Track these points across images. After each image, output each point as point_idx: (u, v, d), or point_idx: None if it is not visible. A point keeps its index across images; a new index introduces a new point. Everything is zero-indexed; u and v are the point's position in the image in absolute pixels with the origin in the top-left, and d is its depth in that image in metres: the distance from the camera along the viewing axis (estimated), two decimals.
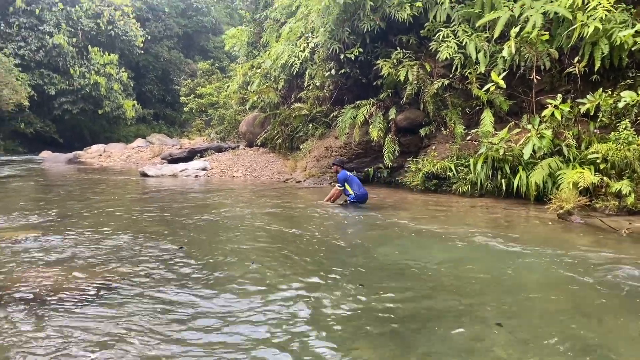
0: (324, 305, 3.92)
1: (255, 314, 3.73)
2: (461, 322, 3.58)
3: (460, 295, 4.16)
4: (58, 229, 6.97)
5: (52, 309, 3.85)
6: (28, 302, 3.99)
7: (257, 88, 17.98)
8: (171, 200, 10.49)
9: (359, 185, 9.47)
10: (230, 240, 6.34)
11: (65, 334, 3.38)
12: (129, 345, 3.22)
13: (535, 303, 4.05)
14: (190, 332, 3.42)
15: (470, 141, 11.07)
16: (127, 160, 23.43)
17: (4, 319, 3.66)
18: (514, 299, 4.12)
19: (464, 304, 3.97)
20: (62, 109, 38.57)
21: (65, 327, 3.50)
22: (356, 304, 3.94)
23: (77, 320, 3.63)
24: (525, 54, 10.12)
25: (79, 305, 3.94)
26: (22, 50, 34.66)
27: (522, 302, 4.05)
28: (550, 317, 3.69)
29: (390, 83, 12.50)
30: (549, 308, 3.90)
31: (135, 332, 3.41)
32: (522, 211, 8.69)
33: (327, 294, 4.15)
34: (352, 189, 9.37)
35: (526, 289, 4.42)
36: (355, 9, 12.39)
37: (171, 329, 3.46)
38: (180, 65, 52.01)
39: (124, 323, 3.57)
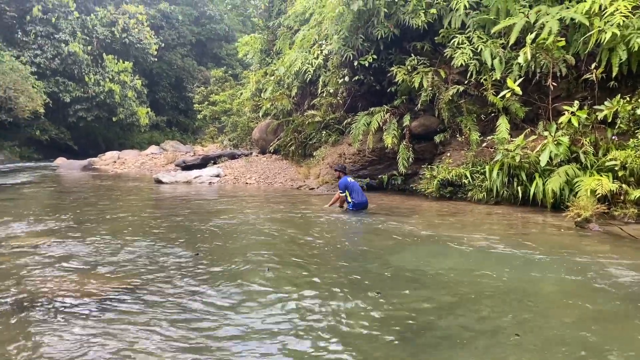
0: (340, 314, 3.89)
1: (271, 323, 3.71)
2: (479, 332, 3.53)
3: (477, 304, 4.11)
4: (75, 235, 7.02)
5: (70, 314, 3.87)
6: (47, 307, 4.01)
7: (271, 95, 18.03)
8: (186, 206, 10.52)
9: (358, 193, 9.56)
10: (245, 247, 6.33)
11: (83, 340, 3.38)
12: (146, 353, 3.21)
13: (553, 312, 3.99)
14: (206, 341, 3.41)
15: (485, 148, 10.99)
16: (141, 166, 23.58)
17: (22, 323, 3.67)
18: (531, 308, 4.05)
19: (481, 313, 3.92)
20: (76, 116, 38.95)
21: (83, 332, 3.51)
22: (372, 312, 3.90)
23: (96, 326, 3.63)
24: (541, 61, 10.04)
25: (96, 310, 3.94)
26: (38, 58, 35.10)
27: (540, 311, 3.99)
28: (569, 327, 3.63)
29: (405, 90, 12.47)
30: (568, 318, 3.84)
31: (151, 340, 3.40)
32: (539, 219, 8.59)
33: (343, 303, 4.12)
34: (352, 196, 9.50)
35: (544, 298, 4.36)
36: (369, 16, 12.41)
37: (188, 337, 3.45)
38: (194, 73, 52.38)
39: (142, 330, 3.56)
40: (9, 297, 4.28)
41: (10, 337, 3.46)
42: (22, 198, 12.28)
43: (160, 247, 6.25)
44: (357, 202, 9.47)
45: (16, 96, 30.43)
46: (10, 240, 6.70)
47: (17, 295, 4.33)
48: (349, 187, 9.58)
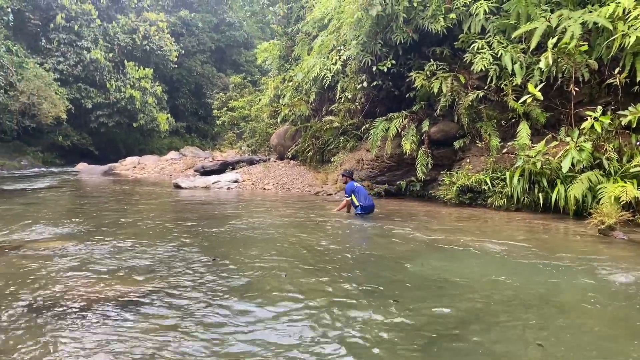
0: (357, 322, 3.83)
1: (288, 329, 3.66)
2: (500, 341, 3.45)
3: (497, 312, 4.02)
4: (94, 238, 7.07)
5: (87, 317, 3.88)
6: (64, 310, 4.03)
7: (289, 101, 18.07)
8: (204, 211, 10.56)
9: (365, 197, 9.70)
10: (262, 252, 6.30)
11: (101, 344, 3.38)
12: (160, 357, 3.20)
13: (577, 321, 3.88)
14: (220, 347, 3.38)
15: (506, 154, 10.85)
16: (160, 172, 23.80)
17: (39, 325, 3.70)
18: (553, 316, 3.95)
19: (502, 321, 3.83)
20: (98, 122, 39.55)
21: (102, 336, 3.51)
22: (390, 320, 3.83)
23: (114, 330, 3.64)
24: (563, 65, 9.88)
25: (113, 314, 3.95)
26: (61, 65, 35.74)
27: (563, 320, 3.89)
28: (593, 337, 3.52)
29: (424, 95, 12.38)
30: (592, 327, 3.73)
31: (167, 344, 3.40)
32: (561, 226, 8.42)
33: (359, 310, 4.06)
34: (359, 200, 9.60)
35: (567, 306, 4.25)
36: (388, 22, 12.37)
37: (204, 342, 3.43)
38: (213, 79, 52.84)
39: (159, 335, 3.55)
40: (28, 300, 4.31)
41: (29, 339, 3.48)
42: (43, 202, 12.45)
43: (178, 251, 6.26)
44: (365, 206, 9.58)
45: (39, 102, 31.01)
46: (31, 243, 6.77)
47: (35, 297, 4.36)
48: (355, 191, 9.73)
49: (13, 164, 29.99)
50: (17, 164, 30.50)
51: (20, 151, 33.22)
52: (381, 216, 9.66)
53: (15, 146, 33.12)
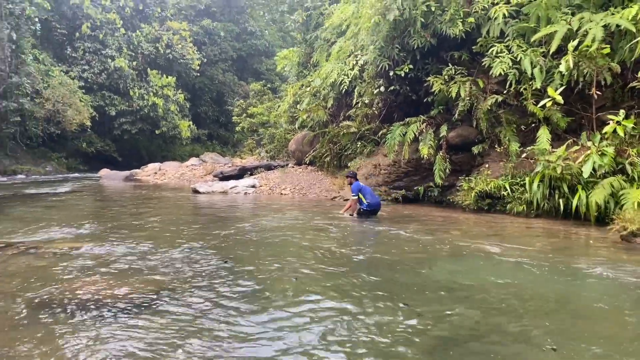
0: (369, 327, 3.73)
1: (299, 335, 3.57)
2: (511, 346, 3.32)
3: (511, 318, 3.88)
4: (110, 240, 7.12)
5: (101, 317, 3.89)
6: (79, 310, 4.04)
7: (307, 107, 18.08)
8: (220, 215, 10.57)
9: (371, 195, 10.05)
10: (274, 256, 6.25)
11: (108, 342, 3.38)
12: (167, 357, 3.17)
13: (594, 328, 3.73)
14: (230, 351, 3.33)
15: (525, 159, 10.63)
16: (180, 177, 23.99)
17: (51, 323, 3.70)
18: (570, 322, 3.81)
19: (515, 327, 3.70)
20: (121, 129, 40.17)
21: (111, 335, 3.51)
22: (400, 324, 3.73)
23: (123, 329, 3.63)
24: (585, 69, 9.67)
25: (124, 314, 3.94)
26: (86, 73, 36.45)
27: (580, 326, 3.74)
28: (612, 344, 3.37)
29: (442, 100, 12.25)
30: (609, 334, 3.58)
31: (173, 345, 3.36)
32: (582, 232, 8.20)
33: (372, 316, 3.97)
34: (366, 198, 9.89)
35: (584, 312, 4.09)
36: (406, 26, 12.30)
37: (211, 345, 3.39)
38: (234, 87, 53.32)
39: (169, 336, 3.53)
40: (41, 297, 4.34)
41: (40, 337, 3.50)
42: (63, 206, 12.63)
43: (190, 253, 6.25)
44: (371, 203, 9.87)
45: (64, 109, 31.62)
46: (49, 244, 6.85)
47: (48, 295, 4.39)
48: (362, 189, 9.99)
49: (38, 170, 30.59)
50: (42, 170, 31.11)
51: (45, 157, 33.88)
52: (397, 221, 9.53)
53: (40, 152, 33.80)
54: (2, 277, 5.06)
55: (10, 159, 30.09)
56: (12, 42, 27.97)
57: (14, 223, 9.00)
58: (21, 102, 28.75)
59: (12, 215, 10.36)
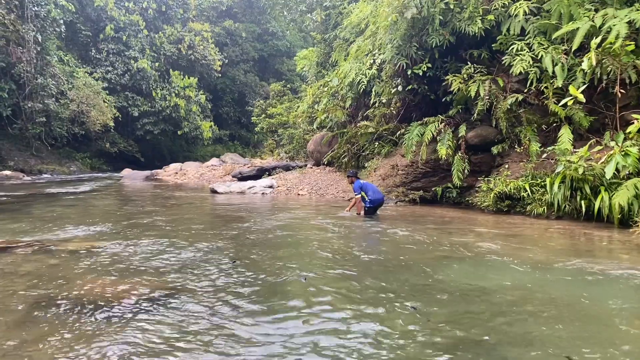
0: (375, 329, 3.63)
1: (308, 337, 3.48)
2: (524, 352, 3.18)
3: (527, 324, 3.73)
4: (127, 239, 7.15)
5: (111, 316, 3.87)
6: (88, 308, 4.04)
7: (325, 107, 17.99)
8: (235, 216, 10.56)
9: (374, 191, 10.16)
10: (286, 256, 6.18)
11: (117, 341, 3.36)
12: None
13: (615, 334, 3.55)
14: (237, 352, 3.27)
15: (546, 160, 10.37)
16: (200, 177, 24.15)
17: (71, 323, 3.70)
18: (588, 329, 3.63)
19: (531, 333, 3.54)
20: (144, 130, 40.70)
21: (119, 334, 3.49)
22: (413, 329, 3.61)
23: (132, 328, 3.61)
24: (608, 67, 9.37)
25: (134, 314, 3.93)
26: (110, 74, 37.04)
27: (599, 332, 3.57)
28: (633, 352, 3.20)
29: (460, 99, 12.04)
30: (630, 341, 3.40)
31: (178, 344, 3.32)
32: (604, 235, 7.93)
33: (383, 320, 3.85)
34: (368, 195, 10.03)
35: (605, 319, 3.90)
36: (424, 24, 12.12)
37: (217, 347, 3.33)
38: (255, 88, 53.59)
39: (178, 336, 3.50)
40: (57, 297, 4.34)
41: (55, 335, 3.49)
42: (83, 205, 12.77)
43: (204, 254, 6.23)
44: (374, 199, 10.02)
45: (88, 110, 32.17)
46: (66, 243, 6.90)
47: (63, 295, 4.40)
48: (364, 187, 10.13)
49: (62, 169, 31.15)
50: (67, 170, 31.68)
51: (70, 157, 34.50)
52: (413, 222, 9.38)
53: (65, 152, 34.42)
54: (16, 275, 5.09)
55: (36, 159, 30.71)
56: (37, 44, 28.53)
57: (33, 222, 9.11)
58: (46, 103, 29.33)
59: (32, 215, 10.50)
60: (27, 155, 30.52)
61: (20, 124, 29.67)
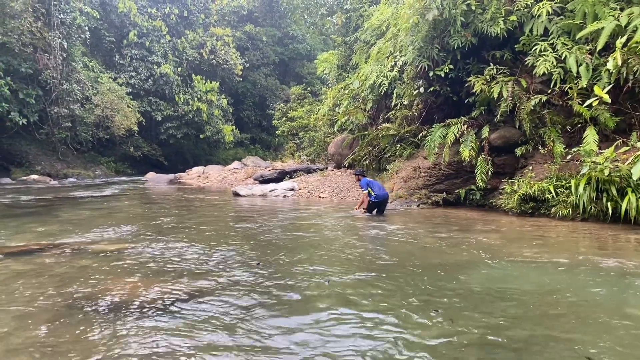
0: (403, 335, 3.65)
1: (332, 341, 3.52)
2: (543, 355, 3.16)
3: (551, 328, 3.70)
4: (151, 242, 7.29)
5: (133, 317, 3.96)
6: (113, 309, 4.14)
7: (345, 109, 18.01)
8: (258, 218, 10.64)
9: (379, 188, 11.05)
10: (309, 258, 6.23)
11: (138, 342, 3.42)
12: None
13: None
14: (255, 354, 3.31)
15: (571, 161, 10.23)
16: (222, 180, 24.38)
17: (87, 322, 3.78)
18: (612, 331, 3.59)
19: (554, 336, 3.52)
20: (167, 134, 41.25)
21: (140, 335, 3.55)
22: (436, 332, 3.62)
23: (153, 329, 3.68)
24: (634, 66, 9.21)
25: (156, 315, 4.01)
26: (133, 80, 37.65)
27: (623, 335, 3.52)
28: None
29: (483, 100, 11.95)
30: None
31: (197, 346, 3.37)
32: (632, 237, 7.79)
33: (407, 323, 3.87)
34: (374, 191, 10.89)
35: (630, 321, 3.86)
36: (445, 26, 12.07)
37: (235, 350, 3.38)
38: (276, 92, 53.89)
39: (196, 335, 3.56)
40: (84, 297, 4.46)
41: (83, 335, 3.58)
42: (109, 208, 13.01)
43: (226, 255, 6.32)
44: (378, 194, 10.87)
45: (113, 115, 32.74)
46: (95, 245, 7.07)
47: (90, 295, 4.51)
48: (370, 184, 11.01)
49: (88, 173, 31.74)
50: (92, 173, 32.27)
51: (95, 161, 35.14)
52: (437, 224, 9.35)
53: (90, 157, 35.07)
54: (47, 276, 5.22)
55: (62, 163, 31.35)
56: (63, 51, 29.17)
57: (61, 225, 9.33)
58: (72, 108, 29.95)
59: (60, 217, 10.74)
60: (53, 159, 31.19)
61: (47, 129, 30.34)
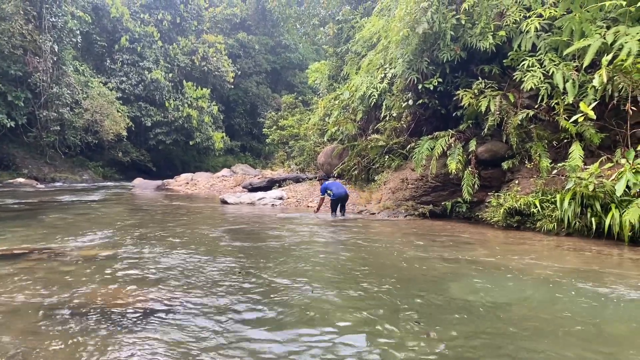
0: (385, 347, 3.65)
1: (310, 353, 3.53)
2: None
3: (533, 341, 3.72)
4: (134, 249, 7.24)
5: (122, 323, 3.93)
6: (103, 314, 4.11)
7: (336, 119, 18.08)
8: (245, 226, 10.61)
9: (337, 187, 12.52)
10: (293, 268, 6.21)
11: (116, 350, 3.39)
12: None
13: (622, 353, 3.53)
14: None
15: (556, 176, 10.33)
16: (211, 188, 24.29)
17: (74, 330, 3.74)
18: (595, 347, 3.62)
19: (534, 349, 3.54)
20: (156, 140, 41.09)
21: (118, 344, 3.51)
22: (414, 342, 3.63)
23: (133, 339, 3.65)
24: (619, 84, 9.36)
25: (141, 321, 3.97)
26: (124, 85, 37.54)
27: (606, 351, 3.55)
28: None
29: (471, 114, 12.05)
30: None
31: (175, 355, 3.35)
32: (615, 252, 7.87)
33: (389, 335, 3.87)
34: (333, 191, 12.35)
35: (616, 339, 3.89)
36: (435, 39, 12.19)
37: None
38: (268, 100, 53.98)
39: (170, 345, 3.53)
40: (72, 304, 4.42)
41: (70, 342, 3.55)
42: (93, 213, 12.91)
43: (212, 264, 6.29)
44: (336, 193, 12.35)
45: (102, 119, 32.59)
46: (78, 250, 7.01)
47: (79, 302, 4.47)
48: (329, 186, 12.50)
49: (75, 178, 31.50)
50: (79, 178, 32.03)
51: (83, 166, 34.88)
52: (422, 235, 9.38)
53: (78, 161, 34.82)
54: (29, 281, 5.17)
55: (49, 167, 31.09)
56: (54, 54, 29.04)
57: (46, 229, 9.25)
58: (61, 112, 29.77)
59: (45, 222, 10.64)
60: (41, 163, 30.92)
61: (35, 132, 30.10)
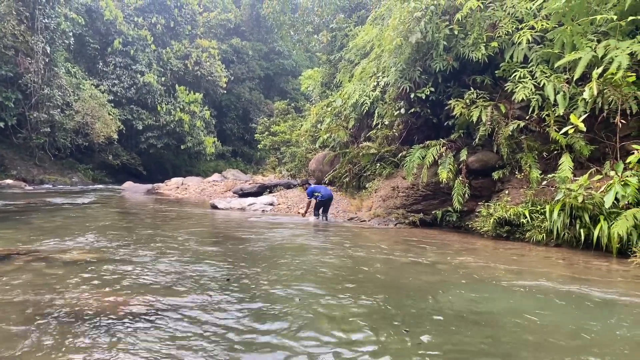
0: (367, 354, 3.63)
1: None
2: None
3: (521, 350, 3.72)
4: (122, 253, 7.17)
5: (106, 328, 3.88)
6: (88, 319, 4.06)
7: (328, 126, 18.10)
8: (234, 232, 10.56)
9: (323, 190, 13.28)
10: (280, 274, 6.18)
11: (111, 355, 3.35)
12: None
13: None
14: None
15: (546, 187, 10.39)
16: (201, 193, 24.19)
17: (62, 335, 3.69)
18: (586, 356, 3.62)
19: (522, 358, 3.53)
20: (147, 143, 40.90)
21: (105, 348, 3.47)
22: (402, 352, 3.61)
23: (121, 342, 3.60)
24: (609, 97, 9.45)
25: (123, 326, 3.93)
26: (116, 87, 37.38)
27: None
28: None
29: (462, 124, 12.12)
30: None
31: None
32: (603, 264, 7.92)
33: (378, 343, 3.85)
34: (321, 193, 13.00)
35: (605, 349, 3.89)
36: (428, 49, 12.26)
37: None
38: (260, 105, 53.98)
39: (163, 352, 3.49)
40: (56, 308, 4.36)
41: (54, 346, 3.50)
42: (82, 217, 12.79)
43: (199, 269, 6.25)
44: (324, 194, 13.08)
45: (93, 122, 32.39)
46: (64, 253, 6.92)
47: (63, 306, 4.41)
48: (316, 189, 13.11)
49: (64, 180, 31.24)
50: (68, 180, 31.77)
51: (72, 168, 34.61)
52: (412, 244, 9.38)
53: (68, 163, 34.55)
54: (13, 284, 5.09)
55: (39, 169, 30.83)
56: (46, 56, 28.86)
57: (33, 231, 9.15)
58: (52, 114, 29.56)
59: (32, 224, 10.53)
60: (30, 164, 30.65)
61: (25, 134, 29.86)
